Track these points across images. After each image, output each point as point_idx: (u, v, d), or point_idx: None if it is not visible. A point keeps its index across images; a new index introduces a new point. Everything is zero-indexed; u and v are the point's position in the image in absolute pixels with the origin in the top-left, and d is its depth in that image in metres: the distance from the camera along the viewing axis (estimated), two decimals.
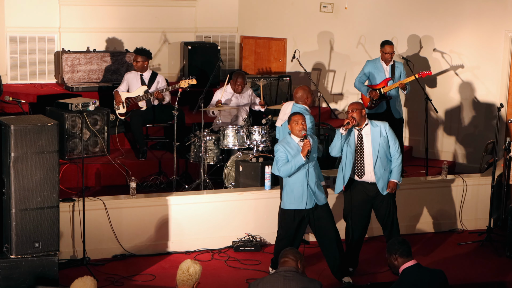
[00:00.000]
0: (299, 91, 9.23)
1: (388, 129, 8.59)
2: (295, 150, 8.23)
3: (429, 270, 6.69)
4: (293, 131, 8.28)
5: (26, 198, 7.71)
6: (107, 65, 12.50)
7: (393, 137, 8.60)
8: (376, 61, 11.24)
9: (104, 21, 12.86)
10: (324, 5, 13.15)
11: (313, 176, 8.31)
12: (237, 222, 9.64)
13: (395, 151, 8.60)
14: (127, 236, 9.22)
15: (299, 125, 8.20)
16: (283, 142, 8.35)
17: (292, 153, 8.23)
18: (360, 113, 8.48)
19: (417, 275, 6.57)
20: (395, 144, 8.61)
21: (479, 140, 12.01)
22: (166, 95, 11.26)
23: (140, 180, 10.64)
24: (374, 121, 8.63)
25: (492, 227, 9.95)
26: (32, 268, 7.81)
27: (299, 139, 8.26)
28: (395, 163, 8.60)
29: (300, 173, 8.26)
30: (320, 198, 8.37)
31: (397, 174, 8.61)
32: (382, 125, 8.58)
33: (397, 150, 8.60)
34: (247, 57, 13.84)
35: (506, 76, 11.89)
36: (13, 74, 12.48)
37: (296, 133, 8.24)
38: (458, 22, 12.11)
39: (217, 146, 10.62)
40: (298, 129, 8.21)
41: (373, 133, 8.53)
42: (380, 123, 8.60)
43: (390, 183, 8.61)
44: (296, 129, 8.23)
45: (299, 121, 8.21)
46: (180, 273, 6.34)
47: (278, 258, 6.64)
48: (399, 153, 8.62)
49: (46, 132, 7.71)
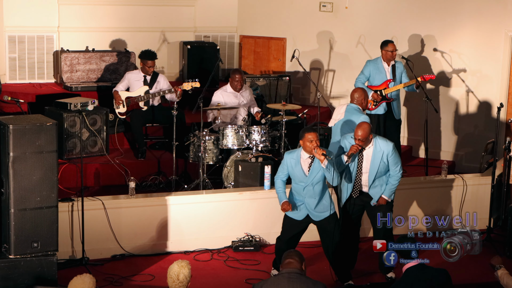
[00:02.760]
0: (357, 92, 9.28)
1: (391, 154, 8.40)
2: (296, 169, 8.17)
3: (433, 269, 6.68)
4: (305, 148, 8.14)
5: (25, 198, 7.70)
6: (106, 64, 12.48)
7: (394, 161, 8.44)
8: (377, 61, 11.18)
9: (103, 20, 12.84)
10: (323, 5, 13.13)
11: (312, 194, 8.22)
12: (237, 222, 9.62)
13: (395, 174, 8.47)
14: (126, 236, 9.21)
15: (313, 143, 8.03)
16: (291, 155, 8.27)
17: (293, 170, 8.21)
18: (367, 140, 8.34)
19: (420, 274, 6.57)
20: (396, 167, 8.46)
21: (479, 140, 12.00)
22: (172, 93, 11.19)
23: (139, 180, 10.62)
24: (379, 141, 8.43)
25: (492, 227, 9.94)
26: (31, 268, 7.81)
27: (308, 156, 8.18)
28: (392, 181, 8.48)
29: (299, 187, 8.26)
30: (315, 215, 8.31)
31: (390, 192, 8.52)
32: (385, 150, 8.40)
33: (397, 172, 8.47)
34: (247, 57, 13.82)
35: (506, 75, 11.88)
36: (12, 73, 12.45)
37: (308, 150, 8.11)
38: (458, 22, 12.10)
39: (217, 146, 10.60)
40: (310, 148, 8.06)
41: (374, 155, 8.41)
42: (384, 146, 8.40)
43: (380, 199, 8.53)
44: (309, 146, 8.07)
45: (313, 140, 8.03)
46: (170, 281, 6.28)
47: (281, 258, 6.61)
48: (398, 175, 8.49)
49: (45, 132, 7.70)
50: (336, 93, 13.23)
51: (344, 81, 12.95)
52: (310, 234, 9.01)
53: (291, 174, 8.32)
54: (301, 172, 8.22)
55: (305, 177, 8.20)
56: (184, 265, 6.33)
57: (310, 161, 8.19)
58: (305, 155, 8.20)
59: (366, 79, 11.21)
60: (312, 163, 8.18)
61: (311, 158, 8.17)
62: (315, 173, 8.16)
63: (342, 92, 13.12)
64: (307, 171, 8.20)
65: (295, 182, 8.31)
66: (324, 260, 8.77)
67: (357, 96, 9.27)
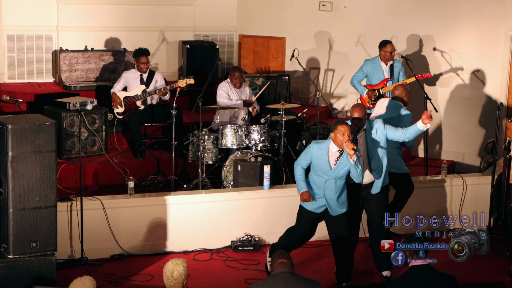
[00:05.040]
0: (399, 88, 9.40)
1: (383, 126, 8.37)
2: (321, 161, 8.04)
3: (439, 273, 6.64)
4: (336, 141, 7.96)
5: (24, 197, 7.68)
6: (105, 64, 12.46)
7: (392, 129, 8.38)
8: (375, 60, 11.22)
9: (102, 20, 12.82)
10: (323, 4, 13.12)
11: (333, 188, 8.11)
12: (236, 221, 9.61)
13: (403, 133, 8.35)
14: (125, 235, 9.19)
15: (344, 136, 7.87)
16: (319, 145, 8.12)
17: (318, 161, 8.05)
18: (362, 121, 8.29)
19: (423, 275, 6.56)
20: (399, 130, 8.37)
21: (479, 139, 11.99)
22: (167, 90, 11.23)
23: (138, 179, 10.60)
24: (371, 122, 8.43)
25: (492, 227, 9.93)
26: (30, 268, 7.79)
27: (337, 149, 8.03)
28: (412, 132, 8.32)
29: (320, 180, 8.13)
30: (333, 210, 8.19)
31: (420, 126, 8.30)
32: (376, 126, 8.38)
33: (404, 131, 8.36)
34: (246, 56, 13.80)
35: (506, 75, 11.87)
36: (11, 73, 12.44)
37: (339, 143, 7.94)
38: (458, 21, 12.09)
39: (216, 146, 10.58)
40: (341, 140, 7.88)
41: (367, 136, 8.37)
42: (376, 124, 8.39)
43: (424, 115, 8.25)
44: (340, 139, 7.90)
45: (346, 133, 7.86)
46: (165, 279, 6.29)
47: (272, 258, 6.60)
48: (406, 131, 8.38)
49: (43, 132, 7.69)
50: (335, 92, 13.22)
51: (344, 80, 12.94)
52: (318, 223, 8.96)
53: (314, 164, 8.14)
54: (327, 165, 8.05)
55: (330, 170, 8.04)
56: (179, 262, 6.32)
57: (338, 154, 8.03)
58: (334, 148, 8.04)
59: (363, 77, 11.26)
60: (340, 157, 8.04)
61: (340, 152, 8.02)
62: (340, 168, 8.03)
63: (341, 91, 13.11)
64: (333, 164, 8.05)
65: (317, 174, 8.14)
66: (324, 260, 8.76)
67: (399, 92, 9.38)
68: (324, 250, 9.32)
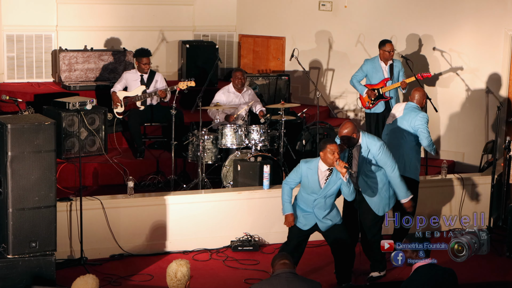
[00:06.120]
0: (417, 93, 9.34)
1: (377, 153, 8.21)
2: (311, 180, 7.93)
3: (442, 269, 6.69)
4: (326, 160, 7.82)
5: (23, 197, 7.68)
6: (105, 64, 12.45)
7: (384, 161, 8.24)
8: (375, 60, 11.21)
9: (102, 19, 12.81)
10: (323, 4, 13.11)
11: (322, 207, 8.03)
12: (235, 221, 9.60)
13: (390, 174, 8.27)
14: (125, 235, 9.19)
15: (335, 155, 7.75)
16: (309, 164, 7.99)
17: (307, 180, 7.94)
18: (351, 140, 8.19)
19: (430, 274, 6.59)
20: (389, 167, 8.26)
21: (479, 139, 11.98)
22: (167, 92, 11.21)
23: (138, 179, 10.60)
24: (366, 139, 8.27)
25: (492, 227, 9.93)
26: (29, 268, 7.78)
27: (327, 168, 7.91)
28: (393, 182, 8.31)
29: (309, 198, 8.06)
30: (323, 226, 8.13)
31: (400, 192, 8.33)
32: (372, 148, 8.22)
33: (392, 172, 8.26)
34: (246, 56, 13.80)
35: (506, 75, 11.86)
36: (10, 73, 12.43)
37: (329, 162, 7.81)
38: (457, 21, 12.09)
39: (215, 145, 10.58)
40: (331, 159, 7.76)
41: (360, 154, 8.28)
42: (371, 144, 8.24)
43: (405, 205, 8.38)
44: (330, 158, 7.77)
45: (335, 151, 7.75)
46: (169, 279, 6.29)
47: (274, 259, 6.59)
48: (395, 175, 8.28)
49: (43, 131, 7.68)
50: (335, 92, 13.22)
51: (344, 80, 12.93)
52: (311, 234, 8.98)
53: (304, 183, 8.04)
54: (317, 184, 7.95)
55: (319, 189, 7.96)
56: (183, 263, 6.33)
57: (328, 173, 7.93)
58: (323, 167, 7.92)
59: (362, 77, 11.25)
60: (330, 176, 7.94)
61: (330, 171, 7.92)
62: (330, 186, 7.94)
63: (341, 91, 13.11)
64: (323, 183, 7.95)
65: (306, 192, 8.06)
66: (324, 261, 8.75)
67: (418, 97, 9.33)
68: (324, 250, 9.30)
